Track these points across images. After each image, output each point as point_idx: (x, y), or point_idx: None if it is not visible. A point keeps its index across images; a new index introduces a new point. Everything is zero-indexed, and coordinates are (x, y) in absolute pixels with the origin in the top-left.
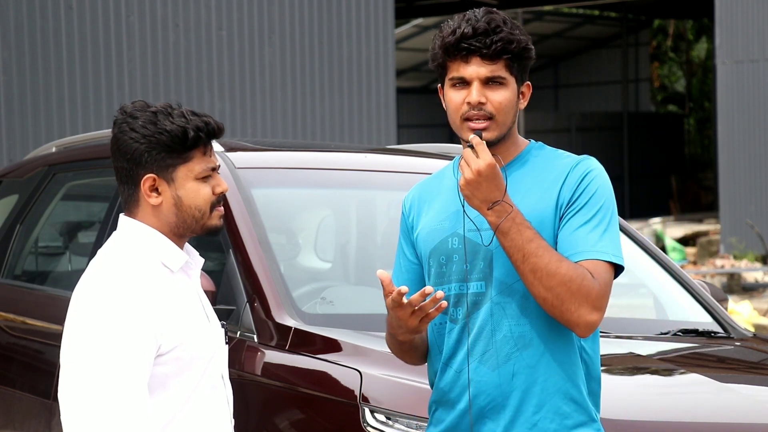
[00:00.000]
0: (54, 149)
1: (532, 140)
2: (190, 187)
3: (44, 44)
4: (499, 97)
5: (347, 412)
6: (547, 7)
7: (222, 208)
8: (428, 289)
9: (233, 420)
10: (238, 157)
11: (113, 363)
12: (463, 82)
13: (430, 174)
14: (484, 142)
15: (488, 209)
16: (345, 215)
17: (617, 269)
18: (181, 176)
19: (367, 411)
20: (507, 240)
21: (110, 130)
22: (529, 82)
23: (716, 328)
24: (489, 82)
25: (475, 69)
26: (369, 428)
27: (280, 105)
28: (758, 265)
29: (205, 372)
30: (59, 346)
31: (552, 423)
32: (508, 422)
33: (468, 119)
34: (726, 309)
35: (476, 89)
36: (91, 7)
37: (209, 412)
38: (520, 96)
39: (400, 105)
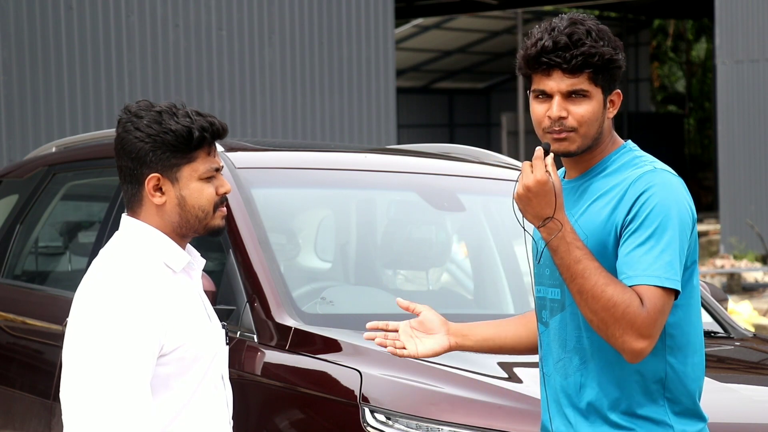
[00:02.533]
0: (54, 149)
1: (628, 141)
2: (193, 187)
3: (44, 44)
4: (581, 110)
5: (347, 412)
6: (547, 7)
7: (224, 208)
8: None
9: (232, 421)
10: (238, 157)
11: (117, 363)
12: (546, 95)
13: (430, 174)
14: (549, 156)
15: (539, 226)
16: (345, 215)
17: (676, 291)
18: (185, 176)
19: (367, 411)
20: (557, 258)
21: (110, 130)
22: (618, 90)
23: (716, 328)
24: (572, 94)
25: (556, 83)
26: (369, 428)
27: (280, 105)
28: (758, 265)
29: (207, 372)
30: (59, 346)
31: None
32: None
33: (550, 132)
34: (726, 309)
35: (557, 104)
36: (91, 7)
37: (210, 412)
38: (609, 104)
39: (400, 105)
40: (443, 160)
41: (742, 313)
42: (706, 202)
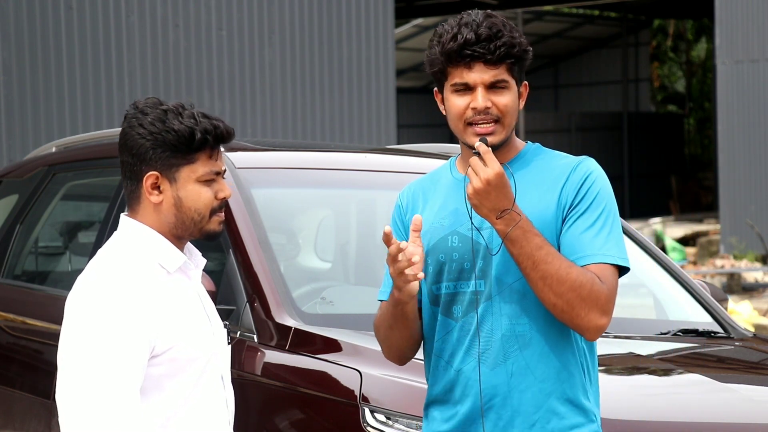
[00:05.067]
0: (54, 149)
1: (529, 141)
2: (191, 189)
3: (44, 44)
4: (504, 100)
5: (347, 412)
6: (547, 7)
7: (223, 214)
8: (402, 244)
9: (232, 422)
10: (238, 157)
11: (106, 364)
12: (467, 88)
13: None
14: (490, 149)
15: (497, 218)
16: (345, 215)
17: (621, 270)
18: (183, 177)
19: (367, 411)
20: (516, 248)
21: (110, 130)
22: (526, 82)
23: (716, 328)
24: (493, 86)
25: (478, 75)
26: (369, 428)
27: (280, 105)
28: (758, 265)
29: (203, 373)
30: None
31: (549, 423)
32: (506, 422)
33: (472, 124)
34: (726, 309)
35: (481, 95)
36: (91, 7)
37: (208, 413)
38: (519, 96)
39: (400, 105)
40: (443, 160)
41: (742, 313)
42: (706, 202)
